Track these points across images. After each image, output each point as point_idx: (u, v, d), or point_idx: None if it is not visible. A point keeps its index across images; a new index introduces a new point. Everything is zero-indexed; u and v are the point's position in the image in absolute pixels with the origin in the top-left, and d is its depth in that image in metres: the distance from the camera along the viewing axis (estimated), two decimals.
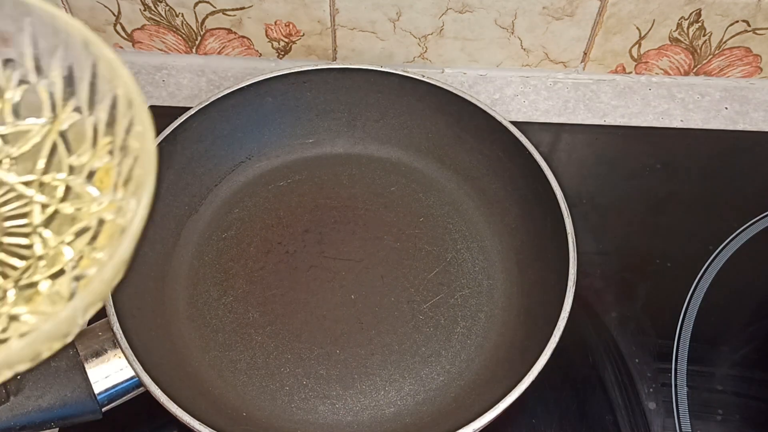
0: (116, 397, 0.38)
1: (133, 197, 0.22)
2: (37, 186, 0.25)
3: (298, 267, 0.49)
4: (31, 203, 0.25)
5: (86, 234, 0.24)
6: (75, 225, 0.24)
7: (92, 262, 0.23)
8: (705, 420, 0.44)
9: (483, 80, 0.62)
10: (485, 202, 0.51)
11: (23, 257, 0.24)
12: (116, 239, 0.22)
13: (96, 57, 0.23)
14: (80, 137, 0.25)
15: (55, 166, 0.25)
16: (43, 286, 0.23)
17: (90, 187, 0.25)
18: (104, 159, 0.24)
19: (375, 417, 0.43)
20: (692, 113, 0.61)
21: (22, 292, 0.23)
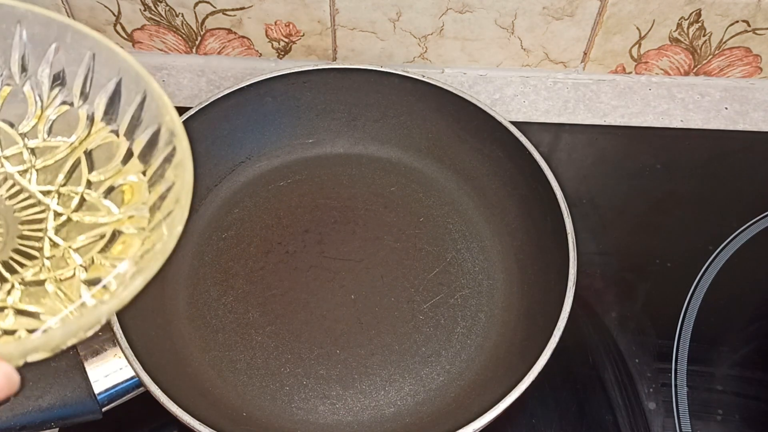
0: (116, 397, 0.38)
1: (166, 223, 0.24)
2: (54, 195, 0.27)
3: (298, 267, 0.49)
4: (47, 210, 0.26)
5: (99, 242, 0.26)
6: (86, 233, 0.26)
7: (104, 269, 0.25)
8: (705, 420, 0.44)
9: (483, 80, 0.62)
10: (485, 202, 0.51)
11: (32, 257, 0.25)
12: (145, 257, 0.24)
13: (146, 91, 0.25)
14: (108, 156, 0.27)
15: (75, 179, 0.27)
16: (48, 286, 0.24)
17: (107, 201, 0.26)
18: (130, 178, 0.26)
19: (375, 417, 0.43)
20: (692, 113, 0.61)
21: (29, 289, 0.24)
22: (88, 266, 0.25)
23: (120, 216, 0.26)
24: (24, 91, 0.27)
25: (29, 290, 0.24)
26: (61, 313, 0.24)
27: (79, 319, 0.23)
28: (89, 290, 0.24)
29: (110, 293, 0.24)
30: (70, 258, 0.25)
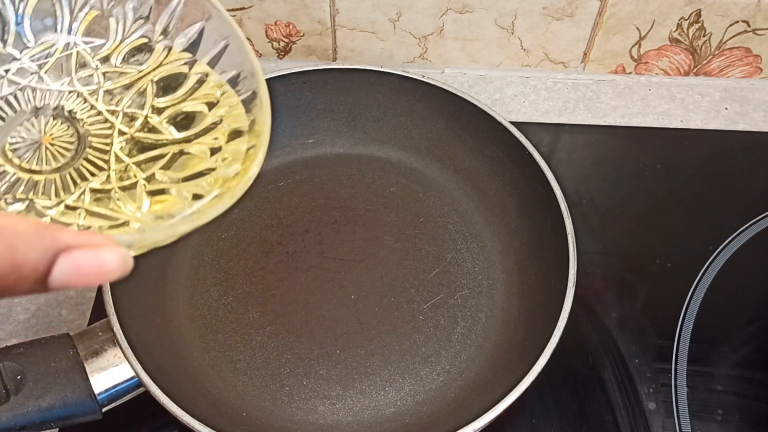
0: (116, 397, 0.38)
1: (241, 158, 0.28)
2: (120, 115, 0.29)
3: (298, 267, 0.49)
4: (113, 128, 0.29)
5: (160, 160, 0.28)
6: (147, 152, 0.29)
7: (164, 185, 0.28)
8: (705, 420, 0.44)
9: (483, 80, 0.62)
10: (485, 202, 0.51)
11: (101, 168, 0.28)
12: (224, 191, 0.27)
13: (229, 39, 0.28)
14: (176, 85, 0.30)
15: (141, 103, 0.30)
16: (114, 194, 0.28)
17: (170, 127, 0.29)
18: (198, 107, 0.29)
19: (375, 417, 0.43)
20: (692, 113, 0.61)
21: (96, 195, 0.27)
22: (149, 179, 0.28)
23: (180, 139, 0.29)
24: (108, 19, 0.29)
25: (97, 196, 0.27)
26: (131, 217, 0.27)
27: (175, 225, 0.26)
28: (149, 199, 0.27)
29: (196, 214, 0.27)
30: (132, 172, 0.28)
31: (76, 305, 0.49)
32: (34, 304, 0.49)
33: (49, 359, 0.37)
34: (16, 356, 0.36)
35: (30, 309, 0.48)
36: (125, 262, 0.21)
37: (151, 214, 0.27)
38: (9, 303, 0.49)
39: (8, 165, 0.26)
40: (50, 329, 0.47)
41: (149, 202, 0.27)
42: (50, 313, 0.48)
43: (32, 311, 0.48)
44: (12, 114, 0.27)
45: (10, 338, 0.47)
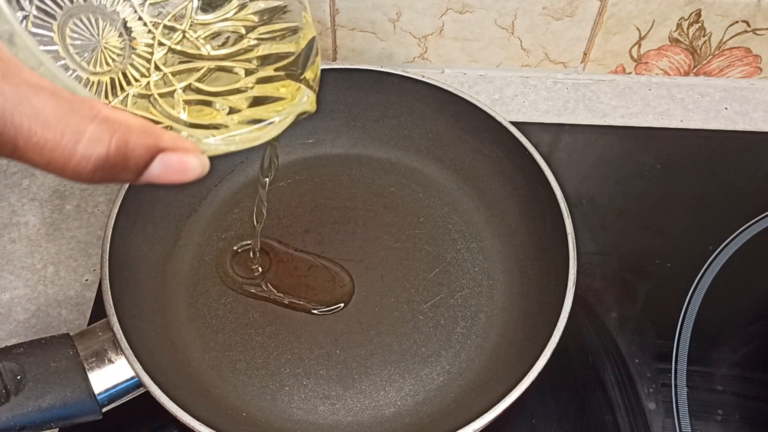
0: (116, 397, 0.38)
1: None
2: (161, 26, 0.31)
3: (298, 267, 0.49)
4: (155, 38, 0.31)
5: (195, 73, 0.31)
6: (184, 65, 0.31)
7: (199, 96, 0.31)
8: (705, 420, 0.44)
9: (483, 80, 0.62)
10: (485, 202, 0.51)
11: (143, 75, 0.30)
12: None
13: None
14: (217, 5, 0.32)
15: (181, 18, 0.32)
16: (153, 100, 0.30)
17: (207, 45, 0.32)
18: (236, 29, 0.32)
19: (375, 417, 0.43)
20: (692, 113, 0.61)
21: (137, 99, 0.29)
22: (185, 90, 0.30)
23: (215, 56, 0.31)
24: None
25: (136, 101, 0.29)
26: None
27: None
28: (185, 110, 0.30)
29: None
30: (169, 81, 0.30)
31: (76, 305, 0.49)
32: (34, 304, 0.49)
33: (49, 359, 0.37)
34: (16, 356, 0.36)
35: (30, 309, 0.48)
36: (204, 167, 0.24)
37: (189, 120, 0.29)
38: (9, 303, 0.49)
39: (69, 59, 0.28)
40: (50, 329, 0.47)
41: (186, 111, 0.29)
42: (50, 313, 0.48)
43: (32, 311, 0.48)
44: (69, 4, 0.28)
45: (10, 338, 0.47)
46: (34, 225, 0.52)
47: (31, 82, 0.20)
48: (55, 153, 0.20)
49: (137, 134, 0.21)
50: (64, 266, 0.50)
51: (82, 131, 0.20)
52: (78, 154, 0.20)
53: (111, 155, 0.20)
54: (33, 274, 0.50)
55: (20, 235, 0.52)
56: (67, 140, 0.20)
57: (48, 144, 0.20)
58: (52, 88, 0.20)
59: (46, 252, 0.51)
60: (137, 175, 0.22)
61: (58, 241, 0.52)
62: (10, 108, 0.19)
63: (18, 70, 0.20)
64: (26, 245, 0.51)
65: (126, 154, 0.21)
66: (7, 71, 0.19)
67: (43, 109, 0.19)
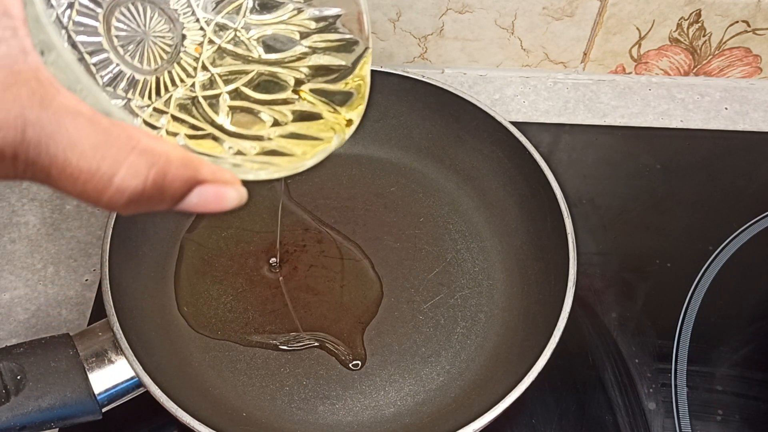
0: (116, 397, 0.38)
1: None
2: (212, 24, 0.30)
3: (298, 267, 0.49)
4: (205, 36, 0.30)
5: (244, 77, 0.30)
6: (233, 66, 0.30)
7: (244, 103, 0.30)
8: (705, 420, 0.44)
9: (483, 80, 0.62)
10: (485, 202, 0.51)
11: (189, 75, 0.29)
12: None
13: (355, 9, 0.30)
14: (272, 6, 0.31)
15: (234, 16, 0.31)
16: (197, 102, 0.29)
17: (259, 47, 0.31)
18: (289, 33, 0.31)
19: (375, 417, 0.43)
20: (692, 113, 0.61)
21: (180, 101, 0.28)
22: (231, 95, 0.29)
23: (266, 60, 0.30)
24: None
25: (181, 102, 0.28)
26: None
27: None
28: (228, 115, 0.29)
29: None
30: (216, 83, 0.29)
31: (76, 305, 0.49)
32: (34, 304, 0.49)
33: (49, 359, 0.37)
34: (16, 356, 0.36)
35: (30, 309, 0.48)
36: (241, 198, 0.24)
37: (233, 127, 0.28)
38: (9, 303, 0.49)
39: (113, 53, 0.26)
40: (50, 329, 0.47)
41: (230, 118, 0.28)
42: (50, 313, 0.48)
43: (32, 311, 0.48)
44: None
45: (10, 338, 0.47)
46: (34, 225, 0.52)
47: (69, 108, 0.19)
48: (89, 185, 0.19)
49: (176, 167, 0.21)
50: (64, 266, 0.50)
51: (119, 163, 0.19)
52: (113, 188, 0.19)
53: (147, 189, 0.20)
54: (33, 274, 0.50)
55: (20, 235, 0.52)
56: (103, 172, 0.19)
57: (82, 175, 0.19)
58: (90, 114, 0.19)
59: (46, 252, 0.51)
60: (173, 206, 0.21)
61: (58, 241, 0.52)
62: (45, 138, 0.19)
63: (56, 94, 0.19)
64: (26, 245, 0.51)
65: (163, 187, 0.20)
66: (44, 96, 0.19)
67: (79, 139, 0.19)
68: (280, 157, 0.27)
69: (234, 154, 0.26)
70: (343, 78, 0.30)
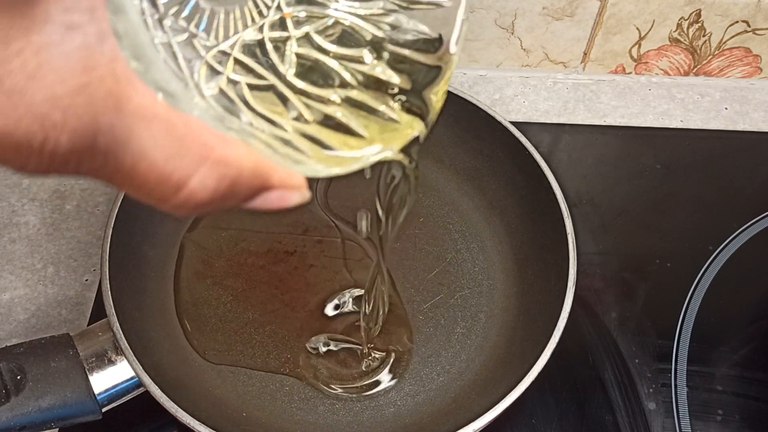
0: (116, 397, 0.38)
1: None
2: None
3: (298, 267, 0.49)
4: None
5: (317, 21, 0.27)
6: (308, 7, 0.27)
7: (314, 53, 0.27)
8: (705, 420, 0.44)
9: (483, 80, 0.62)
10: (485, 202, 0.51)
11: (261, 14, 0.27)
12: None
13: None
14: None
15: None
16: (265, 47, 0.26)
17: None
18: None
19: (375, 417, 0.43)
20: (692, 113, 0.61)
21: (246, 45, 0.26)
22: (300, 40, 0.27)
23: (345, 9, 0.27)
24: None
25: (247, 45, 0.26)
26: None
27: None
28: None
29: None
30: (286, 24, 0.27)
31: (76, 305, 0.49)
32: (34, 304, 0.49)
33: (49, 359, 0.37)
34: (16, 356, 0.36)
35: (30, 309, 0.48)
36: (303, 198, 0.23)
37: (296, 79, 0.25)
38: (9, 303, 0.49)
39: None
40: (50, 329, 0.47)
41: (294, 68, 0.25)
42: (50, 313, 0.48)
43: (32, 311, 0.48)
44: None
45: (10, 338, 0.47)
46: (34, 225, 0.52)
47: (145, 112, 0.18)
48: (154, 193, 0.19)
49: (247, 178, 0.20)
50: (64, 266, 0.50)
51: (189, 175, 0.18)
52: (181, 197, 0.19)
53: (215, 198, 0.19)
54: (33, 274, 0.50)
55: (20, 235, 0.52)
56: (171, 183, 0.18)
57: (149, 183, 0.18)
58: (165, 116, 0.18)
59: (46, 252, 0.51)
60: (233, 207, 0.21)
61: (58, 241, 0.52)
62: (115, 146, 0.17)
63: (132, 94, 0.17)
64: (26, 245, 0.51)
65: (230, 196, 0.20)
66: (119, 98, 0.17)
67: (152, 148, 0.18)
68: (339, 138, 0.26)
69: (294, 118, 0.25)
70: (429, 50, 0.28)
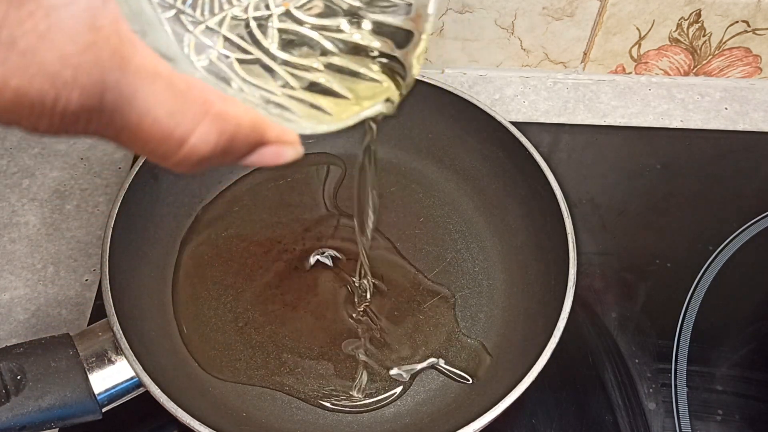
0: (116, 397, 0.38)
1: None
2: None
3: (297, 267, 0.49)
4: None
5: None
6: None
7: (297, 26, 0.28)
8: (705, 420, 0.44)
9: (483, 80, 0.62)
10: (485, 202, 0.51)
11: None
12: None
13: None
14: None
15: None
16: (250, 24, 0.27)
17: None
18: None
19: (375, 417, 0.43)
20: (692, 113, 0.61)
21: (234, 21, 0.27)
22: (281, 18, 0.27)
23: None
24: None
25: (234, 23, 0.26)
26: None
27: None
28: None
29: None
30: (267, 3, 0.27)
31: (76, 305, 0.49)
32: (34, 304, 0.49)
33: (49, 359, 0.37)
34: (16, 356, 0.36)
35: (30, 309, 0.48)
36: (297, 154, 0.24)
37: (280, 52, 0.26)
38: (9, 303, 0.49)
39: None
40: (50, 329, 0.47)
41: (277, 43, 0.26)
42: (50, 313, 0.48)
43: (32, 311, 0.48)
44: None
45: (10, 338, 0.47)
46: (34, 225, 0.52)
47: (148, 70, 0.19)
48: (159, 148, 0.20)
49: (245, 132, 0.21)
50: (64, 266, 0.50)
51: (192, 130, 0.20)
52: (183, 152, 0.20)
53: (216, 153, 0.20)
54: (33, 274, 0.50)
55: (20, 235, 0.52)
56: (175, 138, 0.19)
57: (154, 140, 0.19)
58: (167, 75, 0.19)
59: (46, 252, 0.51)
60: (232, 163, 0.22)
61: (58, 241, 0.52)
62: (121, 102, 0.18)
63: (134, 53, 0.18)
64: (26, 245, 0.51)
65: (229, 150, 0.21)
66: (123, 56, 0.18)
67: (156, 104, 0.19)
68: (328, 100, 0.26)
69: (281, 86, 0.26)
70: (403, 12, 0.29)
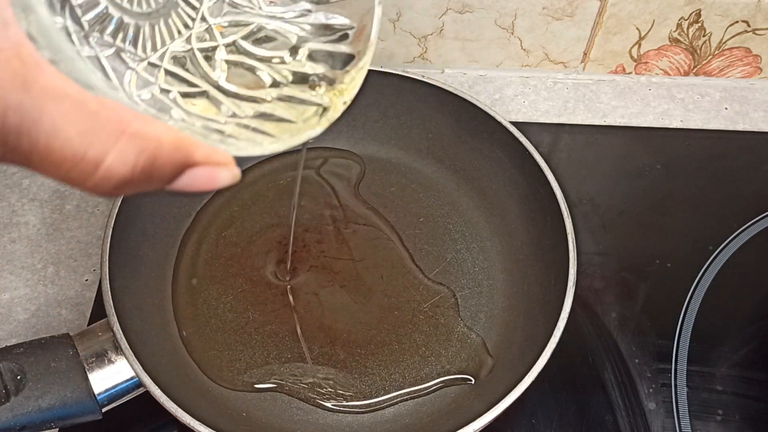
0: (116, 398, 0.38)
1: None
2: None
3: (297, 267, 0.49)
4: None
5: (243, 29, 0.29)
6: (232, 17, 0.29)
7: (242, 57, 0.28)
8: (705, 420, 0.44)
9: (483, 80, 0.62)
10: (485, 202, 0.51)
11: (186, 26, 0.28)
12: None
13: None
14: None
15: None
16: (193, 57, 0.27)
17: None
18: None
19: (375, 417, 0.43)
20: (692, 113, 0.61)
21: (175, 55, 0.27)
22: (228, 48, 0.28)
23: (268, 14, 0.29)
24: None
25: (176, 55, 0.27)
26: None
27: None
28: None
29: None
30: (213, 35, 0.28)
31: (76, 305, 0.49)
32: (34, 304, 0.49)
33: (49, 359, 0.37)
34: (16, 356, 0.36)
35: (30, 309, 0.48)
36: (234, 177, 0.23)
37: (228, 84, 0.26)
38: (9, 303, 0.49)
39: None
40: (50, 329, 0.47)
41: (226, 74, 0.26)
42: (50, 313, 0.48)
43: (32, 311, 0.48)
44: None
45: (10, 338, 0.47)
46: (34, 225, 0.52)
47: (54, 90, 0.18)
48: (73, 171, 0.18)
49: (168, 152, 0.20)
50: (64, 266, 0.50)
51: (106, 150, 0.18)
52: (99, 174, 0.19)
53: (136, 175, 0.19)
54: (33, 274, 0.50)
55: (20, 235, 0.52)
56: (88, 159, 0.18)
57: (66, 162, 0.18)
58: (77, 96, 0.18)
59: (46, 252, 0.51)
60: (162, 187, 0.21)
61: (58, 241, 0.52)
62: (27, 123, 0.17)
63: (39, 74, 0.18)
64: (26, 245, 0.51)
65: (152, 172, 0.20)
66: (26, 77, 0.17)
67: (64, 124, 0.18)
68: (273, 124, 0.26)
69: (229, 116, 0.25)
70: (346, 39, 0.29)
